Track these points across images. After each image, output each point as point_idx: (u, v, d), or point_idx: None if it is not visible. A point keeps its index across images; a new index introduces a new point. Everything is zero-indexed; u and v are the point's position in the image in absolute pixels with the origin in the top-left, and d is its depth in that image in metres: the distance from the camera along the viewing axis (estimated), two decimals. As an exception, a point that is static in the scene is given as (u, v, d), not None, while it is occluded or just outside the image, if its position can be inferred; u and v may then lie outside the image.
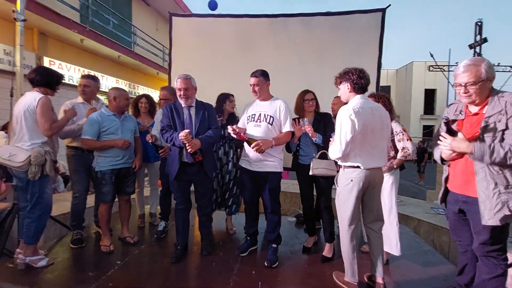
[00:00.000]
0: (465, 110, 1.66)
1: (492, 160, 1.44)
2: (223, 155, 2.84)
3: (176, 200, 2.46)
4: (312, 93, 2.52)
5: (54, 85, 2.23)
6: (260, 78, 2.29)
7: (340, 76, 1.94)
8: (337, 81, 1.98)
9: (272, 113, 2.29)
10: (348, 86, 1.89)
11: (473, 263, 1.74)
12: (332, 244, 2.45)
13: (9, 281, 1.97)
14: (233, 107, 2.88)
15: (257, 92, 2.30)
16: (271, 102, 2.34)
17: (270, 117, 2.28)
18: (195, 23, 3.68)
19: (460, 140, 1.55)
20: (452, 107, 1.76)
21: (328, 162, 2.26)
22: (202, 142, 2.22)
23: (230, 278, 2.07)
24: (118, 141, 2.40)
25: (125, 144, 2.40)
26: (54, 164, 2.17)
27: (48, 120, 2.10)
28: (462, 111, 1.67)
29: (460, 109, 1.68)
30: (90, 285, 1.92)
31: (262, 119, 2.29)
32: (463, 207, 1.66)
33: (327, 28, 3.37)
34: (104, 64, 8.38)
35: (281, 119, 2.29)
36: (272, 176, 2.31)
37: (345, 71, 1.92)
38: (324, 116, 2.52)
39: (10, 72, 2.76)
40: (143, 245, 2.62)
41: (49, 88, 2.21)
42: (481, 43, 10.64)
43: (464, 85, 1.55)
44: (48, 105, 2.12)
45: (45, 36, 6.50)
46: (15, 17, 2.60)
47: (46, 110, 2.09)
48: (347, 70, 1.91)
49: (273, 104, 2.32)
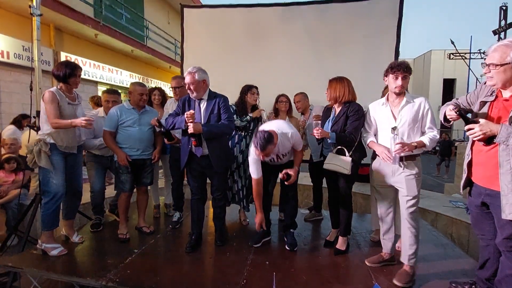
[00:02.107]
0: (498, 93, 1.56)
1: None
2: (245, 147, 2.78)
3: (191, 190, 2.50)
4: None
5: (65, 78, 2.24)
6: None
7: (409, 67, 1.92)
8: (407, 71, 1.91)
9: (285, 151, 2.31)
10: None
11: (495, 257, 1.67)
12: (347, 237, 2.40)
13: (33, 266, 2.07)
14: (255, 99, 2.81)
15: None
16: (282, 140, 2.23)
17: (283, 155, 2.35)
18: (207, 14, 3.65)
19: (487, 123, 1.46)
20: (485, 87, 1.65)
21: (342, 159, 2.17)
22: (206, 130, 2.20)
23: (244, 268, 2.09)
24: (120, 154, 2.44)
25: (123, 161, 2.43)
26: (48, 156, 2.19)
27: (47, 112, 2.16)
28: (494, 92, 1.57)
29: (493, 91, 1.58)
30: (109, 271, 1.99)
31: (278, 160, 2.37)
32: (486, 200, 1.59)
33: (343, 16, 3.27)
34: (118, 58, 8.52)
35: (290, 149, 2.33)
36: (291, 166, 2.36)
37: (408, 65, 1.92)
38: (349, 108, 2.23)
39: (29, 68, 2.82)
40: (158, 234, 2.69)
41: (62, 82, 2.26)
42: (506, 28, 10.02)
43: (487, 65, 1.47)
44: (47, 99, 2.15)
45: (60, 32, 6.65)
46: (31, 12, 2.65)
47: (46, 103, 2.16)
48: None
49: (285, 141, 2.25)
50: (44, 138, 2.20)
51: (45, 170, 2.21)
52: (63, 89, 2.28)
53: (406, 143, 1.86)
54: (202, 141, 2.28)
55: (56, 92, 2.22)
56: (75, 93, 2.40)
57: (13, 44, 5.52)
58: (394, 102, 1.99)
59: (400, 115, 1.94)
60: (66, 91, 2.29)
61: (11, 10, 5.53)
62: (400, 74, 1.89)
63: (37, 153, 2.18)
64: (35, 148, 2.18)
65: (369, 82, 2.84)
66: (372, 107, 2.15)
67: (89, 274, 1.96)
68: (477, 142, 1.59)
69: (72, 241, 2.45)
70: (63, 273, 1.99)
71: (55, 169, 2.22)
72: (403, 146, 1.84)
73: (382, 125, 2.05)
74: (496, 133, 1.43)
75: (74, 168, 2.40)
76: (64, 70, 2.22)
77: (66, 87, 2.29)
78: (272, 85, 3.14)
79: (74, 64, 2.33)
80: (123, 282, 1.88)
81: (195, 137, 2.22)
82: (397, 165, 1.96)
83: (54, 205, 2.24)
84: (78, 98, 2.42)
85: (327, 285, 1.92)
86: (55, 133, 2.22)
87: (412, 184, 1.95)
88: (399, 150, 1.85)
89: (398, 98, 1.97)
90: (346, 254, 2.35)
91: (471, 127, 1.50)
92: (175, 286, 1.87)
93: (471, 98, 1.73)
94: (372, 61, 3.21)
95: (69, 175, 2.35)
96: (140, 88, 2.56)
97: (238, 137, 2.79)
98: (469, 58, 12.73)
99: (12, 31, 5.48)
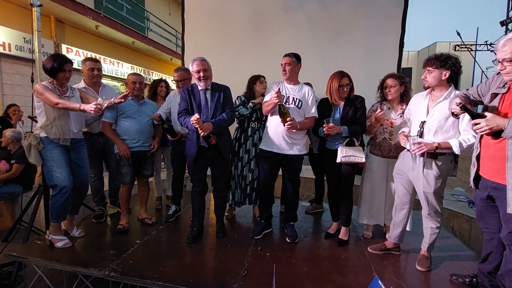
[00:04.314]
0: (510, 84, 1.51)
1: None
2: (258, 140, 2.66)
3: (192, 183, 2.50)
4: (348, 77, 2.28)
5: (52, 72, 2.15)
6: (292, 58, 2.30)
7: (440, 60, 1.83)
8: (432, 63, 1.84)
9: (300, 98, 2.31)
10: (446, 73, 1.82)
11: (498, 251, 1.66)
12: (348, 228, 2.44)
13: (37, 256, 2.10)
14: (265, 87, 2.75)
15: (287, 72, 2.30)
16: (300, 87, 2.36)
17: (299, 101, 2.31)
18: (208, 4, 3.59)
19: (494, 117, 1.43)
20: (497, 78, 1.60)
21: (356, 149, 2.21)
22: (214, 126, 2.21)
23: (245, 260, 2.11)
24: (122, 145, 2.43)
25: (124, 152, 2.42)
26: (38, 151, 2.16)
27: (47, 101, 2.10)
28: (507, 84, 1.53)
29: (505, 82, 1.54)
30: (112, 262, 2.02)
31: (291, 102, 2.31)
32: (492, 194, 1.56)
33: (346, 5, 3.20)
34: (119, 50, 8.47)
35: (308, 104, 2.32)
36: (297, 158, 2.36)
37: (447, 56, 1.83)
38: (355, 101, 2.30)
39: (30, 60, 2.81)
40: (161, 226, 2.71)
41: (50, 76, 2.19)
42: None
43: (500, 61, 1.43)
44: (40, 90, 2.09)
45: (61, 23, 6.61)
46: (31, 2, 2.63)
47: (40, 94, 2.10)
48: (448, 56, 1.83)
49: (302, 90, 2.35)
50: (36, 133, 2.16)
51: (47, 164, 2.18)
52: (54, 83, 2.19)
53: (424, 143, 1.81)
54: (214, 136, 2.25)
55: (47, 84, 2.15)
56: (68, 86, 2.29)
57: (14, 36, 5.50)
58: (434, 95, 1.92)
59: (433, 110, 1.87)
60: (57, 85, 2.20)
61: (12, 2, 5.49)
62: (426, 68, 1.87)
63: (27, 148, 2.15)
64: (25, 142, 2.15)
65: (372, 74, 2.80)
66: (414, 98, 2.09)
67: (92, 264, 1.99)
68: (486, 135, 1.56)
69: (72, 235, 2.41)
70: (67, 263, 2.01)
71: (55, 162, 2.18)
72: (420, 146, 1.80)
73: (415, 117, 2.00)
74: (503, 127, 1.39)
75: (78, 162, 2.34)
76: (52, 64, 2.12)
77: (57, 80, 2.19)
78: (274, 74, 3.10)
79: (63, 58, 2.21)
80: (125, 272, 1.90)
81: (210, 138, 2.19)
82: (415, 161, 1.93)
83: (61, 198, 2.20)
84: (72, 90, 2.30)
85: (327, 276, 1.93)
86: (47, 126, 2.15)
87: (428, 182, 1.89)
88: (416, 151, 1.83)
89: (439, 92, 1.89)
90: (347, 246, 2.36)
91: (477, 122, 1.47)
92: (177, 276, 1.89)
93: (482, 89, 1.68)
94: (376, 52, 3.16)
95: (74, 170, 2.30)
96: (133, 76, 2.56)
97: (251, 130, 2.70)
98: (475, 50, 12.49)
99: (13, 23, 5.46)
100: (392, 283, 1.86)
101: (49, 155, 2.18)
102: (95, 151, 2.74)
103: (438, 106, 1.86)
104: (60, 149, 2.22)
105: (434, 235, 2.00)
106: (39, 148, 2.16)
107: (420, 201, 2.00)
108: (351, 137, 2.24)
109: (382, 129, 2.29)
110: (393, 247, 2.23)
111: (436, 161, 1.87)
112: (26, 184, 3.47)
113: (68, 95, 2.25)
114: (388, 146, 2.27)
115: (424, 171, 1.90)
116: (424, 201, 1.95)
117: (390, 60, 3.18)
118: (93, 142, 2.70)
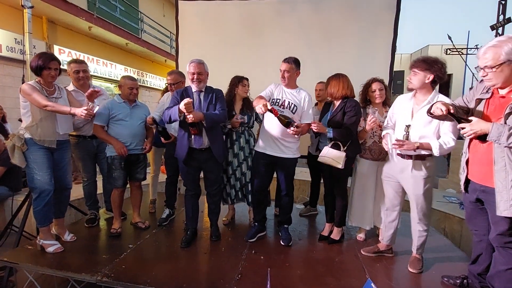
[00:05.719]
0: (493, 89, 1.56)
1: (508, 143, 1.38)
2: (245, 143, 2.66)
3: (185, 186, 2.49)
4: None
5: (37, 71, 2.11)
6: (291, 65, 2.30)
7: (427, 63, 1.82)
8: (418, 65, 1.84)
9: (296, 103, 2.32)
10: (429, 77, 1.82)
11: (488, 253, 1.70)
12: (342, 228, 2.48)
13: (28, 261, 2.07)
14: (246, 91, 2.67)
15: (285, 79, 2.31)
16: (297, 91, 2.37)
17: (294, 106, 2.31)
18: (202, 7, 3.59)
19: (478, 122, 1.48)
20: (480, 85, 1.65)
21: (337, 153, 2.18)
22: (206, 117, 2.17)
23: (239, 263, 2.10)
24: (117, 144, 2.40)
25: (121, 150, 2.40)
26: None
27: (34, 102, 2.05)
28: (490, 90, 1.57)
29: (488, 88, 1.58)
30: (104, 266, 1.99)
31: (286, 105, 2.32)
32: (481, 197, 1.60)
33: (338, 9, 3.24)
34: (112, 52, 8.39)
35: (303, 110, 2.33)
36: (290, 161, 2.37)
37: (434, 60, 1.83)
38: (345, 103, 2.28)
39: (21, 61, 2.77)
40: (154, 230, 2.69)
41: (35, 74, 2.14)
42: (504, 23, 9.98)
43: (482, 68, 1.47)
44: (27, 91, 2.05)
45: (54, 24, 6.52)
46: (22, 3, 2.60)
47: (27, 95, 2.06)
48: (435, 60, 1.83)
49: (299, 95, 2.35)
50: (20, 133, 2.11)
51: (29, 166, 2.12)
52: (41, 82, 2.14)
53: (404, 142, 1.81)
54: (202, 131, 2.23)
55: (34, 84, 2.11)
56: (56, 86, 2.23)
57: (5, 37, 5.41)
58: (418, 99, 1.92)
59: (418, 113, 1.87)
60: (45, 85, 2.15)
61: (4, 2, 5.40)
62: (412, 69, 1.88)
63: (11, 149, 2.08)
64: (9, 143, 2.08)
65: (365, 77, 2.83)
66: (398, 99, 2.08)
67: (84, 269, 1.96)
68: (473, 140, 1.60)
69: (64, 240, 2.37)
70: (58, 268, 1.98)
71: (37, 164, 2.12)
72: (400, 144, 1.80)
73: (400, 118, 2.01)
74: (487, 131, 1.43)
75: (60, 164, 2.29)
76: (36, 62, 2.08)
77: (43, 79, 2.14)
78: (266, 78, 3.12)
79: (49, 55, 2.16)
80: (118, 277, 1.88)
81: (194, 126, 2.14)
82: (394, 160, 1.97)
83: (42, 201, 2.15)
84: (60, 90, 2.25)
85: (321, 279, 1.94)
86: (32, 128, 2.10)
87: (417, 184, 1.92)
88: (395, 147, 1.83)
89: (422, 96, 1.89)
90: (340, 248, 2.38)
91: (462, 126, 1.52)
92: (170, 281, 1.88)
93: (468, 97, 1.73)
94: (368, 55, 3.20)
95: (56, 171, 2.24)
96: (130, 82, 2.51)
97: (236, 134, 2.67)
98: (466, 54, 12.72)
99: (4, 24, 5.37)
100: (385, 285, 1.88)
101: (32, 157, 2.12)
102: (89, 155, 2.69)
103: (423, 109, 1.85)
104: (44, 151, 2.15)
105: (422, 238, 2.03)
106: (23, 149, 2.10)
107: (410, 203, 2.03)
108: (337, 139, 2.21)
109: (371, 133, 2.31)
110: (386, 249, 2.25)
111: (424, 162, 1.90)
112: (13, 186, 3.40)
113: (56, 96, 2.20)
114: (379, 149, 2.30)
115: (413, 173, 1.93)
116: (413, 202, 1.98)
117: (383, 64, 3.22)
118: (86, 145, 2.65)
